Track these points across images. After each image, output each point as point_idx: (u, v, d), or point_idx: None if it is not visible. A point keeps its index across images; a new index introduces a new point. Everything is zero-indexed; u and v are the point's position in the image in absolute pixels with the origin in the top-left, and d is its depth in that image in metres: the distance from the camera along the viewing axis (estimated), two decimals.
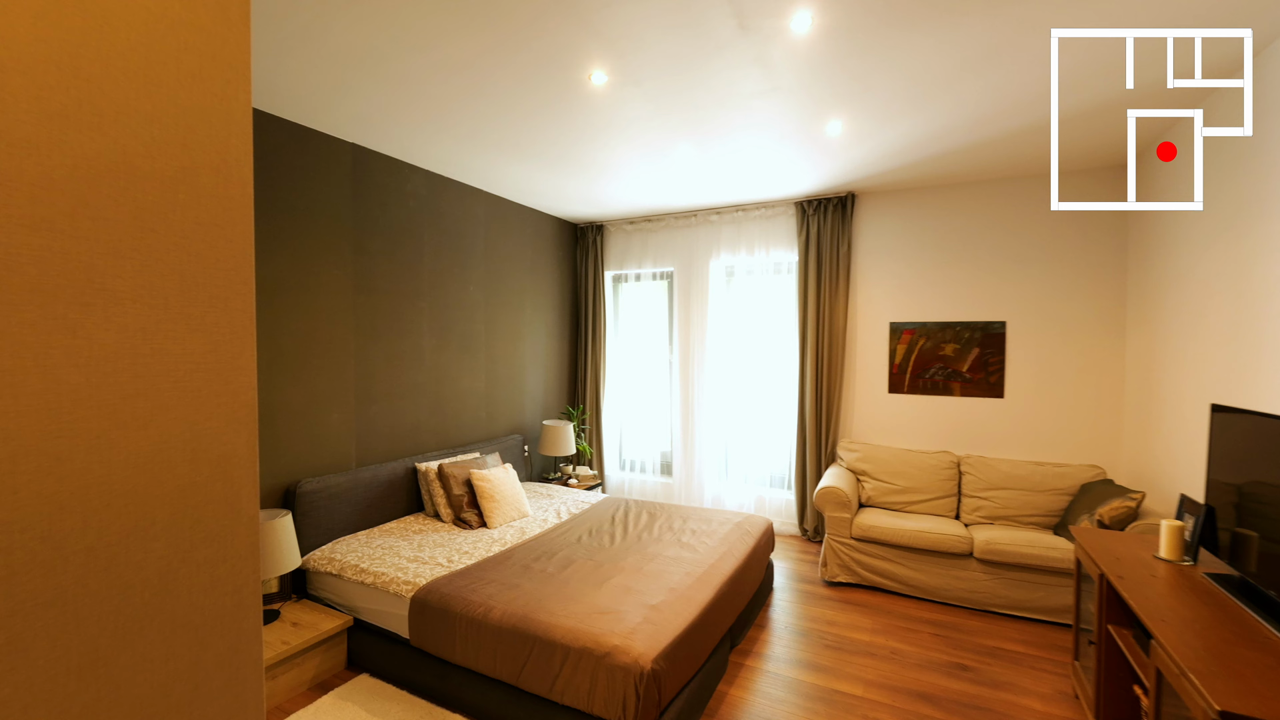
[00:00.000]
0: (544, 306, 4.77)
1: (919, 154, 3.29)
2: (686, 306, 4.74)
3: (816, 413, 4.20)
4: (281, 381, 2.80)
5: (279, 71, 2.32)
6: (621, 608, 2.22)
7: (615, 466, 5.14)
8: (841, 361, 4.16)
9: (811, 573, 3.67)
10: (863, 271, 4.19)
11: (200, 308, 0.77)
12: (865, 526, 3.41)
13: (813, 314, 4.19)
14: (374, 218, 3.26)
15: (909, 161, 3.43)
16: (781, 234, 4.37)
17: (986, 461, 3.64)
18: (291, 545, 2.48)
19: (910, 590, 3.30)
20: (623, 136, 3.04)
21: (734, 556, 2.82)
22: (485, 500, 3.27)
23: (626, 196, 4.24)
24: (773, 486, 4.55)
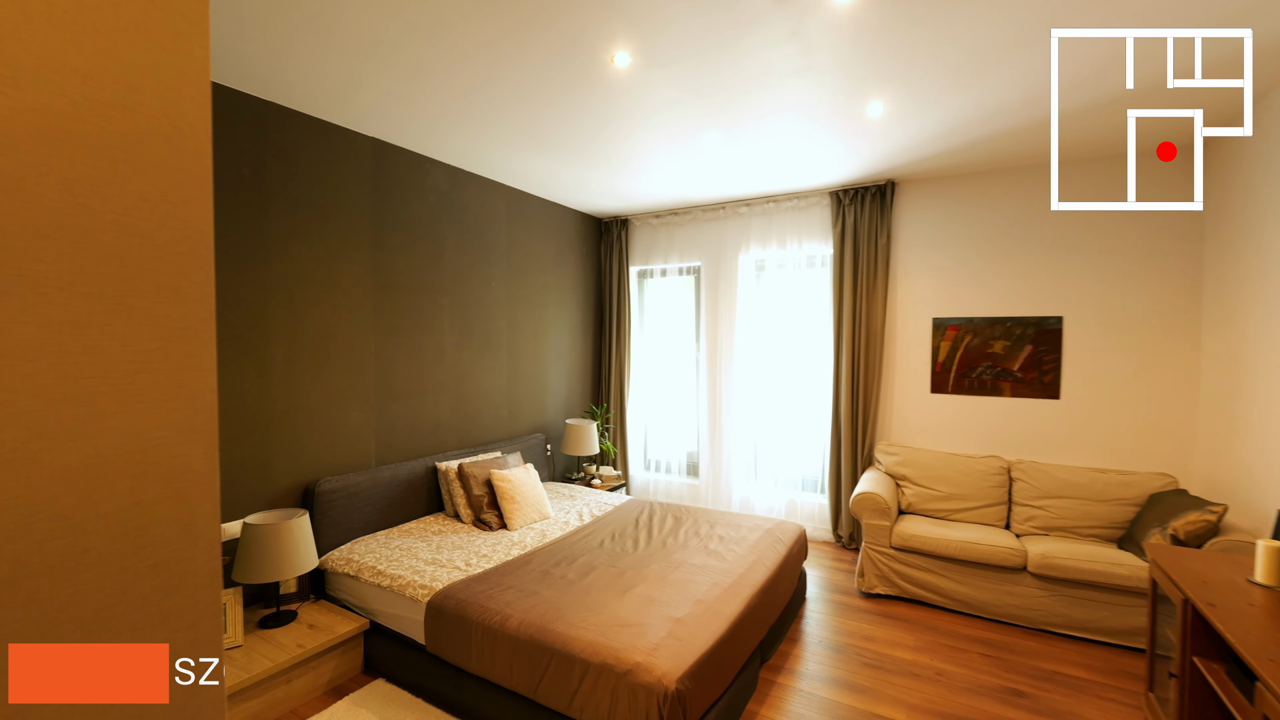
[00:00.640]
0: (567, 303, 4.67)
1: (967, 136, 3.06)
2: (714, 302, 4.57)
3: (852, 413, 3.99)
4: (301, 379, 2.76)
5: (292, 62, 2.26)
6: (644, 620, 2.09)
7: (640, 467, 5.01)
8: (880, 359, 3.94)
9: (847, 583, 3.48)
10: (903, 264, 3.96)
11: (145, 298, 0.66)
12: (906, 535, 3.20)
13: (848, 309, 3.97)
14: (394, 213, 3.20)
15: (956, 145, 3.19)
16: (815, 226, 4.17)
17: (1040, 468, 3.38)
18: (309, 545, 2.43)
19: (956, 605, 3.08)
20: (647, 124, 2.90)
21: (765, 566, 2.66)
22: (505, 501, 3.18)
23: (652, 189, 4.09)
24: (805, 490, 4.36)
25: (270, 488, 2.65)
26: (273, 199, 2.62)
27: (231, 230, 2.48)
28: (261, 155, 2.58)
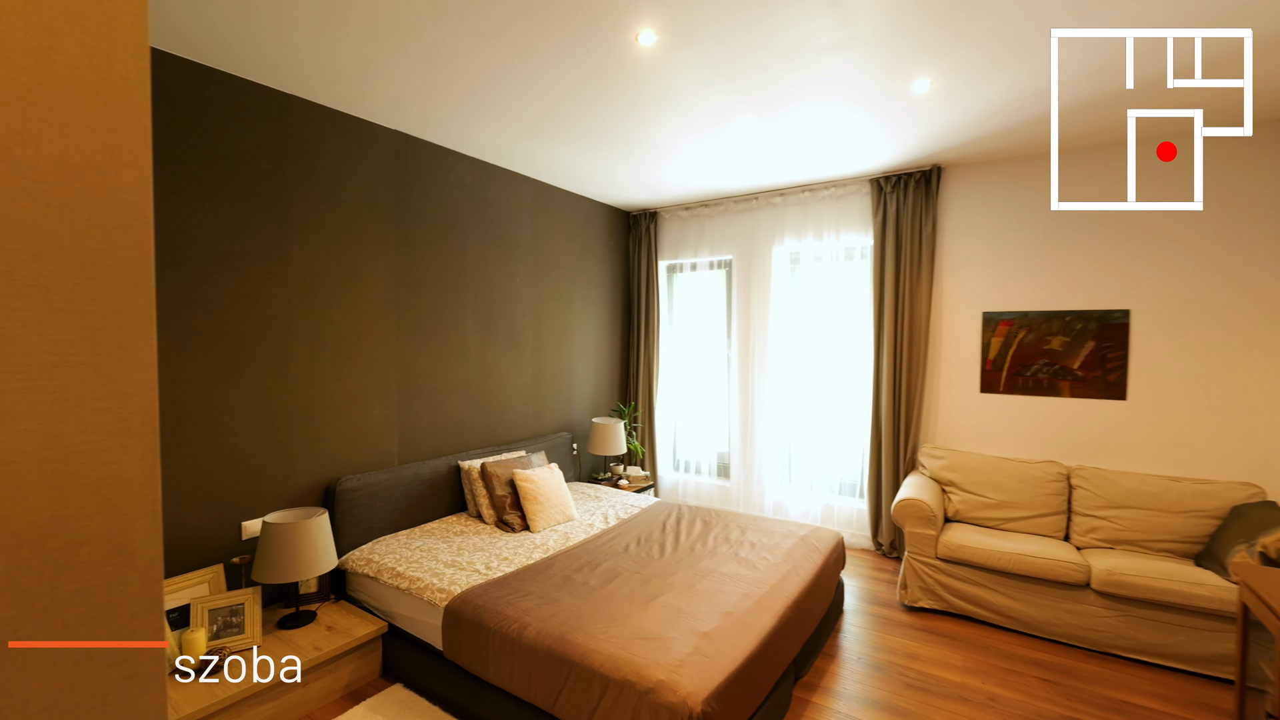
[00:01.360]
0: (594, 299, 4.56)
1: (1024, 114, 2.81)
2: (746, 297, 4.39)
3: (894, 414, 3.76)
4: (323, 376, 2.73)
5: (308, 51, 2.20)
6: (669, 634, 1.96)
7: (669, 467, 4.88)
8: (924, 356, 3.70)
9: (888, 594, 3.27)
10: (950, 255, 3.71)
11: (66, 279, 0.57)
12: (954, 546, 2.98)
13: (890, 303, 3.74)
14: (417, 208, 3.14)
15: (1010, 124, 2.94)
16: (854, 215, 3.95)
17: (1104, 474, 3.10)
18: (328, 545, 2.39)
19: (1009, 623, 2.85)
20: (675, 109, 2.75)
21: (799, 576, 2.49)
22: (528, 502, 3.10)
23: (681, 179, 3.95)
24: (842, 494, 4.15)
25: (291, 485, 2.62)
26: (294, 194, 2.59)
27: (252, 226, 2.45)
28: (283, 149, 2.54)
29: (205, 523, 2.33)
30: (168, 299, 2.21)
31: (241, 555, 2.39)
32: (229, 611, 2.20)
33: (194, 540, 2.30)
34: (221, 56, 2.24)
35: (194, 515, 2.30)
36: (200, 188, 2.28)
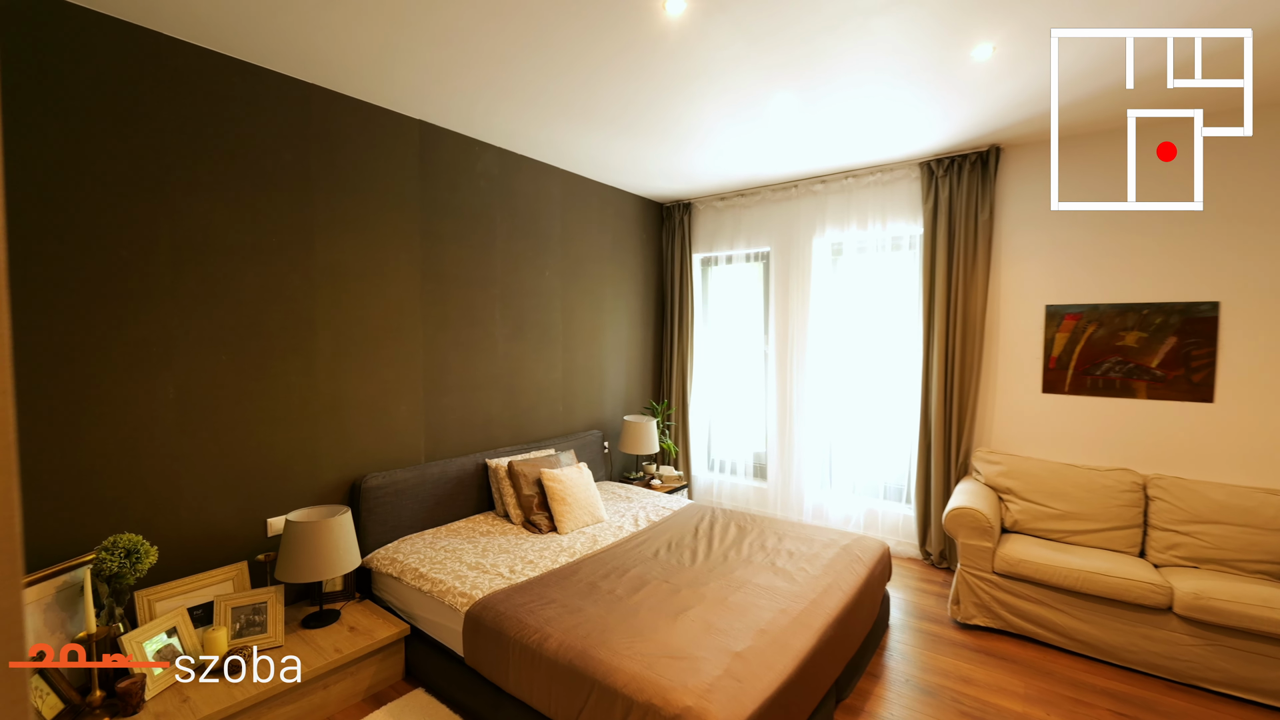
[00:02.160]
0: (626, 293, 4.43)
1: (1098, 83, 2.52)
2: (785, 290, 4.18)
3: (945, 414, 3.50)
4: (348, 371, 2.69)
5: (325, 34, 2.12)
6: (699, 652, 1.82)
7: (703, 467, 4.72)
8: (979, 353, 3.43)
9: (938, 609, 3.03)
10: (1009, 243, 3.41)
11: None
12: (1013, 560, 2.73)
13: (941, 296, 3.48)
14: (443, 200, 3.08)
15: (1082, 96, 2.64)
16: (901, 202, 3.69)
17: (1187, 485, 2.79)
18: (350, 544, 2.34)
19: (1076, 646, 2.59)
20: (709, 88, 2.58)
21: (841, 590, 2.31)
22: (556, 503, 3.00)
23: (716, 167, 3.77)
24: (887, 499, 3.91)
25: (317, 482, 2.60)
26: (318, 185, 2.55)
27: (275, 219, 2.42)
28: (305, 140, 2.50)
29: (230, 519, 2.32)
30: (191, 294, 2.19)
31: (266, 552, 2.36)
32: (252, 610, 2.17)
33: (219, 537, 2.29)
34: (240, 45, 2.20)
35: (219, 511, 2.29)
36: (221, 180, 2.25)
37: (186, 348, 2.19)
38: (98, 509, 1.99)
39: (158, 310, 2.11)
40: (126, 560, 1.84)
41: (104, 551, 1.83)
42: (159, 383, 2.12)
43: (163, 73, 2.10)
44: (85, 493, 1.97)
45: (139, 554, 1.87)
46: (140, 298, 2.07)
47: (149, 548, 1.91)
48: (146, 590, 2.05)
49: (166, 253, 2.13)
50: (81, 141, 1.93)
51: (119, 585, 1.86)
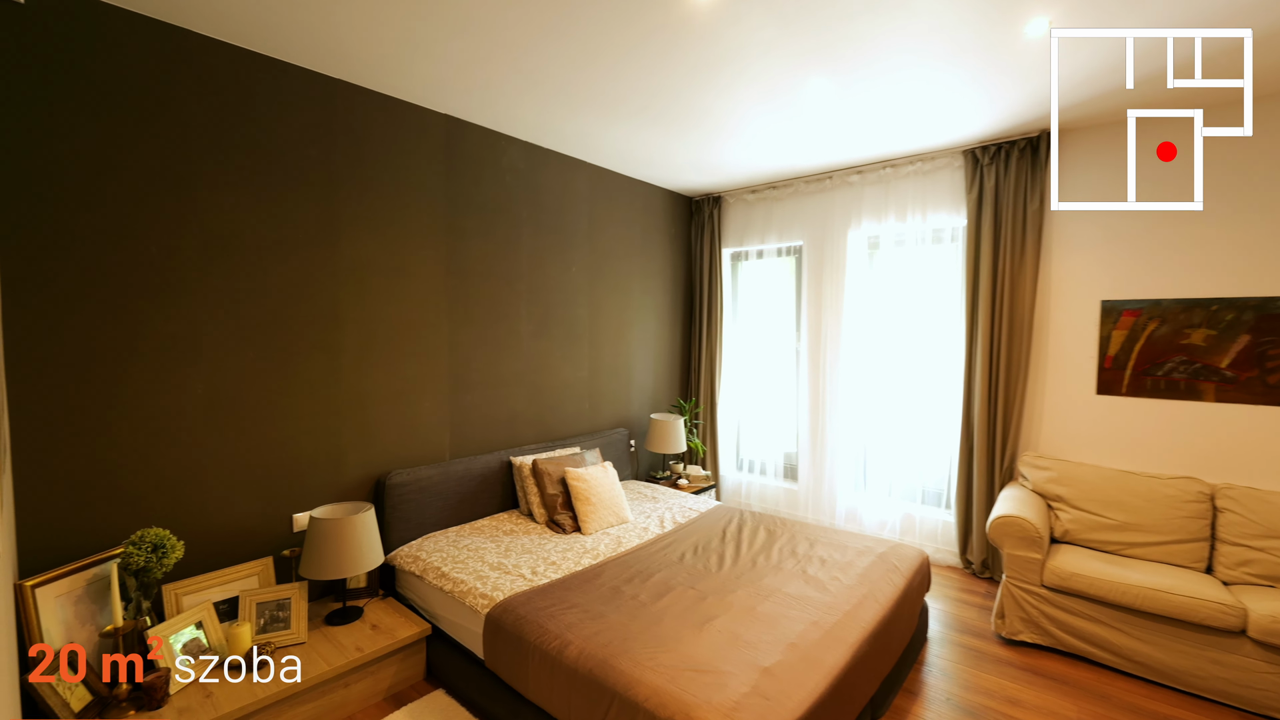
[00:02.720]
0: (654, 289, 4.35)
1: (1165, 61, 2.31)
2: (818, 286, 4.03)
3: (989, 416, 3.31)
4: (372, 366, 2.68)
5: (345, 26, 2.09)
6: (725, 666, 1.73)
7: (731, 466, 4.61)
8: (1026, 352, 3.23)
9: (980, 622, 2.87)
10: (1061, 234, 3.20)
11: None
12: (1065, 573, 2.55)
13: (985, 291, 3.29)
14: (468, 195, 3.04)
15: (1149, 73, 2.43)
16: (943, 192, 3.50)
17: (1261, 496, 2.56)
18: (373, 542, 2.33)
19: (1135, 668, 2.40)
20: (738, 75, 2.47)
21: (877, 601, 2.18)
22: (580, 503, 2.94)
23: (746, 158, 3.64)
24: (925, 504, 3.73)
25: (342, 478, 2.60)
26: (343, 181, 2.54)
27: (300, 214, 2.41)
28: (331, 135, 2.49)
29: (255, 514, 2.33)
30: (217, 291, 2.20)
31: (292, 548, 2.37)
32: (276, 605, 2.18)
33: (244, 532, 2.30)
34: (265, 39, 2.19)
35: (245, 507, 2.30)
36: (246, 176, 2.26)
37: (213, 344, 2.20)
38: (127, 503, 2.02)
39: (185, 307, 2.13)
40: (153, 555, 1.85)
41: (131, 546, 1.84)
42: (186, 379, 2.14)
43: (191, 69, 2.11)
44: (114, 487, 1.99)
45: (165, 548, 1.89)
46: (168, 294, 2.09)
47: (175, 542, 1.92)
48: (174, 584, 2.07)
49: (194, 249, 2.14)
50: (111, 138, 1.95)
51: (146, 579, 1.87)
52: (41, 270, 1.84)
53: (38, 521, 1.85)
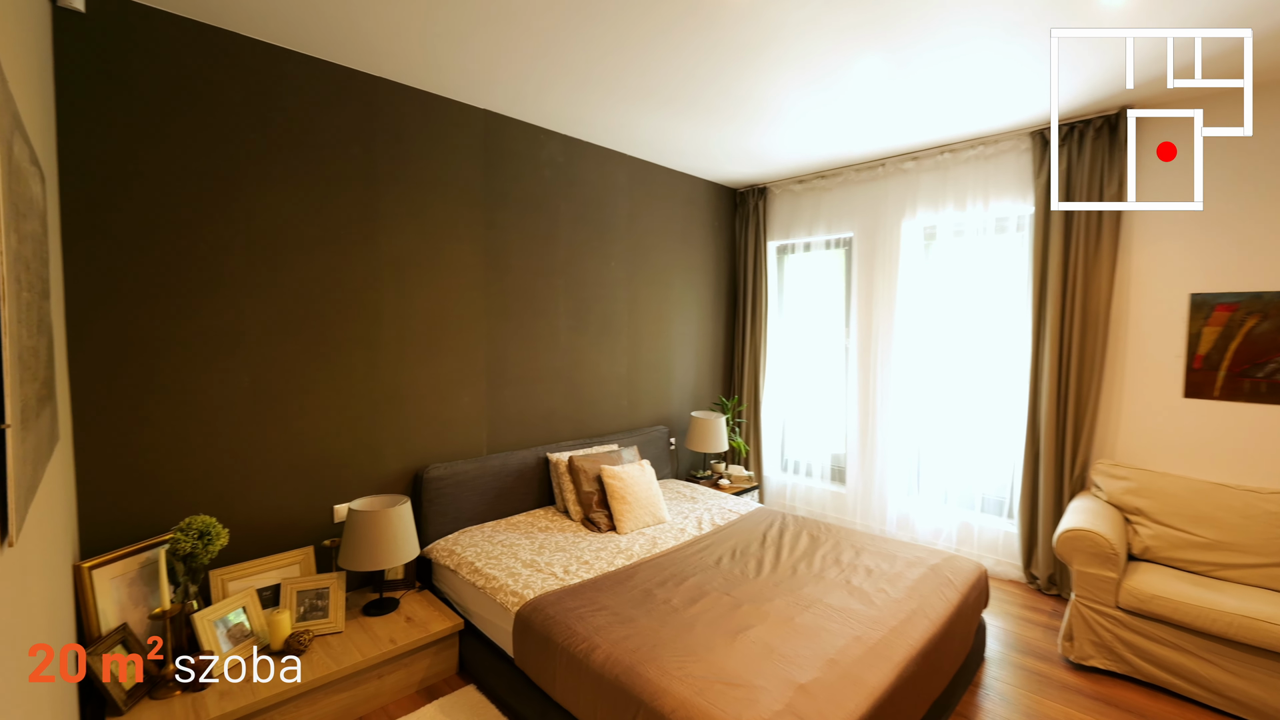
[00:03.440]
0: (696, 283, 4.24)
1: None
2: (869, 279, 3.83)
3: (1058, 419, 3.05)
4: (410, 362, 2.71)
5: (368, 17, 2.09)
6: (758, 680, 1.64)
7: (775, 467, 4.45)
8: (1101, 350, 2.95)
9: (1045, 643, 2.64)
10: (1144, 221, 2.90)
11: None
12: (1145, 595, 2.31)
13: (1055, 283, 3.02)
14: (507, 190, 3.03)
15: (1262, 31, 2.14)
16: (1008, 178, 3.24)
17: None
18: (409, 535, 2.35)
19: (1226, 704, 2.15)
20: (782, 57, 2.34)
21: (928, 618, 2.03)
22: (615, 501, 2.89)
23: (792, 147, 3.48)
24: (984, 512, 3.48)
25: (381, 471, 2.64)
26: (381, 177, 2.57)
27: (340, 210, 2.45)
28: (372, 133, 2.52)
29: (298, 504, 2.39)
30: (262, 286, 2.26)
31: (332, 538, 2.42)
32: (315, 594, 2.23)
33: (287, 522, 2.37)
34: (303, 38, 2.22)
35: (287, 496, 2.37)
36: (290, 174, 2.31)
37: (258, 339, 2.26)
38: (177, 490, 2.10)
39: (232, 302, 2.20)
40: (199, 541, 1.92)
41: (179, 532, 1.91)
42: (233, 372, 2.21)
43: (236, 70, 2.17)
44: (166, 475, 2.08)
45: (211, 535, 1.95)
46: (214, 290, 2.16)
47: (220, 529, 1.98)
48: (220, 570, 2.14)
49: (240, 247, 2.21)
50: (164, 140, 2.03)
51: (193, 565, 1.95)
52: (102, 268, 1.93)
53: (95, 507, 1.95)
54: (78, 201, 1.88)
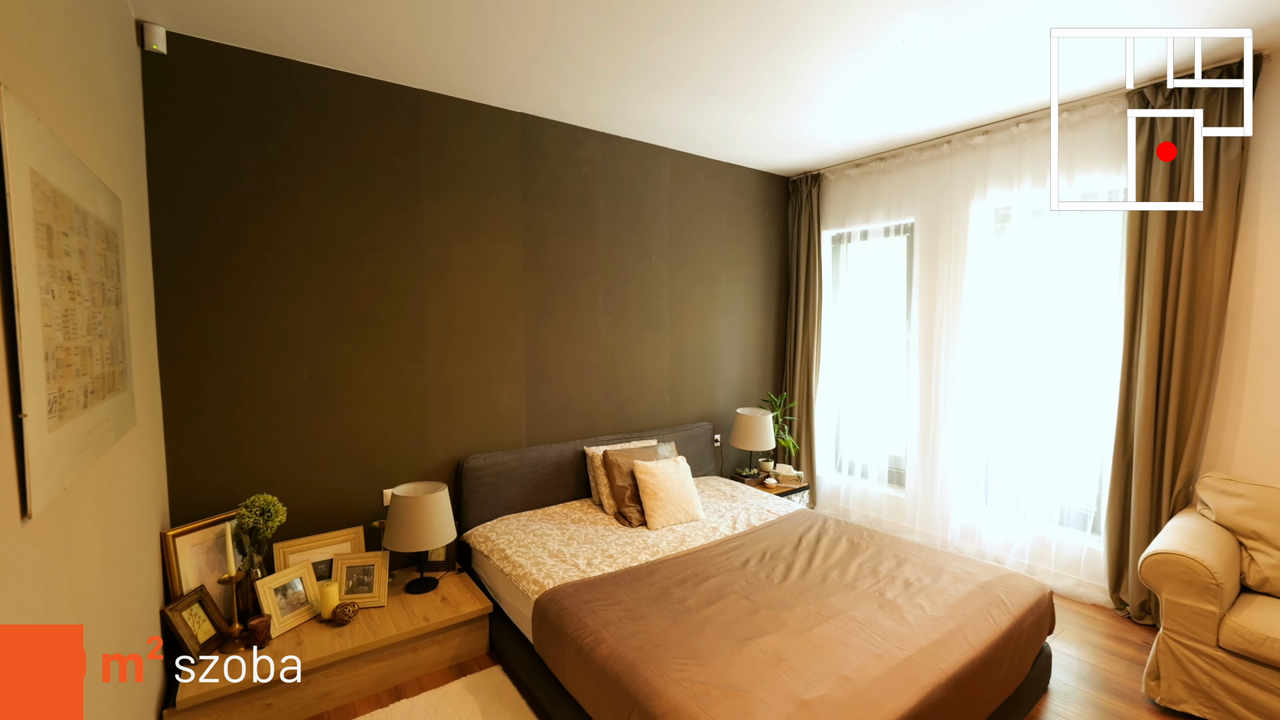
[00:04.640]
0: (743, 276, 4.12)
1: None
2: (932, 267, 3.53)
3: (1154, 424, 2.66)
4: (454, 358, 2.86)
5: (384, 23, 2.20)
6: (758, 690, 1.58)
7: (829, 468, 4.24)
8: (1213, 344, 2.52)
9: (1128, 681, 2.33)
10: (1272, 190, 2.44)
11: None
12: (1256, 635, 1.96)
13: (1155, 268, 2.63)
14: (545, 189, 3.11)
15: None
16: (1098, 147, 2.85)
17: None
18: (446, 520, 2.49)
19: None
20: (815, 28, 2.18)
21: (967, 640, 1.86)
22: (647, 496, 2.89)
23: (843, 128, 3.27)
24: (1065, 525, 3.12)
25: (427, 460, 2.82)
26: (425, 184, 2.72)
27: (387, 217, 2.63)
28: (415, 143, 2.68)
29: (351, 488, 2.62)
30: (318, 289, 2.48)
31: (380, 519, 2.62)
32: (362, 570, 2.42)
33: (343, 502, 2.60)
34: (350, 59, 2.39)
35: (342, 480, 2.59)
36: (344, 186, 2.51)
37: (315, 337, 2.49)
38: (246, 471, 2.37)
39: (293, 304, 2.43)
40: (260, 517, 2.15)
41: (244, 508, 2.15)
42: (295, 367, 2.45)
43: (293, 94, 2.38)
44: (237, 457, 2.35)
45: (271, 512, 2.18)
46: (278, 293, 2.40)
47: (279, 507, 2.21)
48: (283, 543, 2.39)
49: (299, 254, 2.43)
50: (232, 160, 2.27)
51: (257, 537, 2.18)
52: (184, 279, 2.21)
53: (182, 483, 2.25)
54: (165, 220, 2.15)
